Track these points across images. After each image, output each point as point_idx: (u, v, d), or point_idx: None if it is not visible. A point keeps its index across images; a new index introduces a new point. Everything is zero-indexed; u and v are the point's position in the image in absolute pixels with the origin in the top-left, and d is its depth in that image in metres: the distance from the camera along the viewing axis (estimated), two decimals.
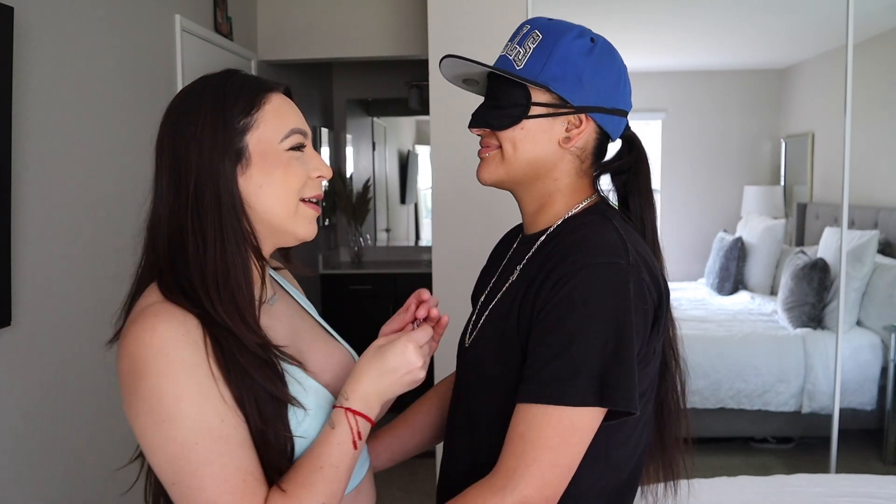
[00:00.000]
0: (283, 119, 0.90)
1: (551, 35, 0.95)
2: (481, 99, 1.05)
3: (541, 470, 0.83)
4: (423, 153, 5.13)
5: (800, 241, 4.17)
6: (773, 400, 3.37)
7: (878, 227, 3.49)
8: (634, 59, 1.03)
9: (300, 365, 0.90)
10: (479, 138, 1.03)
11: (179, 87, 2.41)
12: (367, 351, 0.91)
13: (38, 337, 1.72)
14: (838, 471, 2.92)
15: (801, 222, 4.19)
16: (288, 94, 0.94)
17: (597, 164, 1.02)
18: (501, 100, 0.97)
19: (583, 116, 0.96)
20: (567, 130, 0.97)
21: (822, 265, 3.48)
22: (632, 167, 1.02)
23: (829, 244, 3.57)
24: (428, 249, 4.47)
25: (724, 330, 3.64)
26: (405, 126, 5.16)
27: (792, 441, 3.54)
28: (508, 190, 1.04)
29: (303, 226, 0.91)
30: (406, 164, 5.09)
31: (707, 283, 4.48)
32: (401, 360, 0.88)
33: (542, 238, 0.99)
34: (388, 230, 5.00)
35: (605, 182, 1.05)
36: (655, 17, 3.46)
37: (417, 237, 5.15)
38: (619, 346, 0.84)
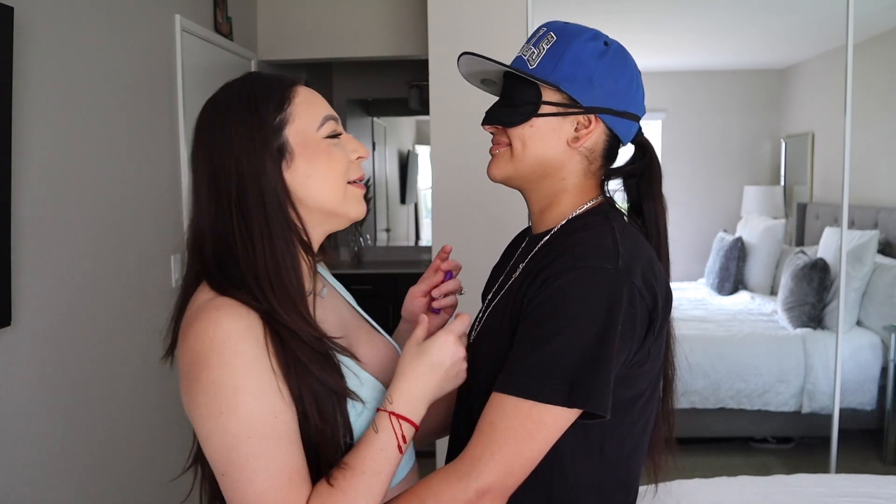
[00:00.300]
0: (314, 109, 0.93)
1: (565, 37, 0.97)
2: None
3: (505, 459, 0.84)
4: (423, 153, 5.13)
5: (800, 241, 4.17)
6: (773, 400, 3.37)
7: (878, 227, 3.49)
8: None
9: (354, 357, 0.92)
10: (485, 139, 1.04)
11: (180, 87, 2.43)
12: (407, 350, 0.92)
13: (38, 337, 1.72)
14: (838, 471, 2.92)
15: (801, 222, 4.19)
16: (307, 85, 0.97)
17: (606, 166, 1.03)
18: (514, 98, 0.99)
19: (592, 117, 0.97)
20: (576, 130, 0.98)
21: (822, 265, 3.48)
22: (644, 172, 1.04)
23: (829, 244, 3.57)
24: (428, 249, 4.47)
25: (724, 330, 3.64)
26: (405, 126, 5.15)
27: (792, 441, 3.54)
28: (517, 188, 1.05)
29: (354, 206, 0.94)
30: (406, 164, 5.09)
31: (707, 283, 4.48)
32: (444, 353, 0.90)
33: (546, 237, 1.00)
34: (388, 230, 5.00)
35: (617, 186, 1.07)
36: (655, 17, 3.46)
37: (417, 237, 5.15)
38: (596, 349, 0.85)
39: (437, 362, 0.89)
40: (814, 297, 3.48)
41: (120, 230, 2.10)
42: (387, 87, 4.65)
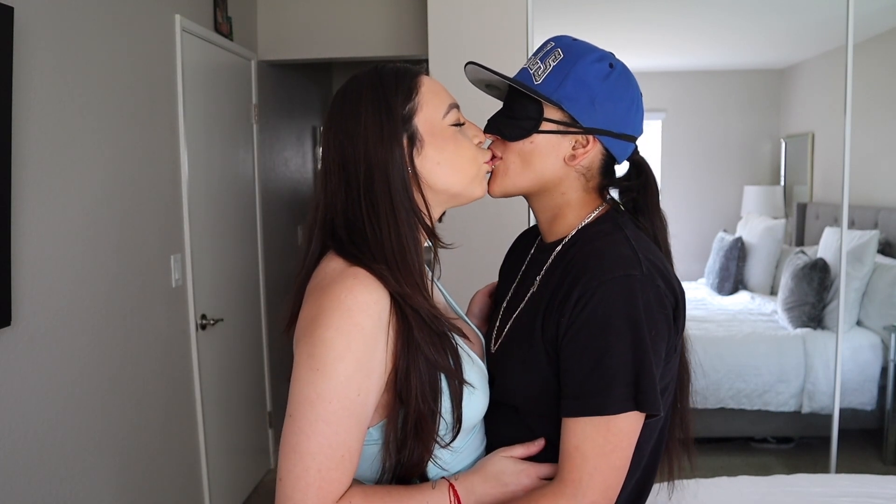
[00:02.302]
0: (439, 98, 0.97)
1: (571, 55, 0.99)
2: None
3: (603, 476, 0.90)
4: None
5: (800, 241, 4.17)
6: (773, 400, 3.37)
7: (878, 227, 3.49)
8: (634, 59, 1.04)
9: (466, 337, 0.97)
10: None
11: (180, 87, 2.43)
12: (498, 455, 0.98)
13: (38, 337, 1.72)
14: (838, 471, 2.93)
15: (801, 222, 4.19)
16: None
17: (604, 181, 1.05)
18: (516, 111, 1.01)
19: (590, 137, 0.99)
20: (573, 149, 1.00)
21: (822, 265, 3.48)
22: (640, 189, 1.06)
23: (829, 244, 3.57)
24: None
25: (724, 330, 3.64)
26: None
27: (792, 441, 3.54)
28: (523, 197, 1.08)
29: (479, 187, 1.02)
30: None
31: (707, 283, 4.48)
32: (514, 480, 0.96)
33: (559, 248, 1.02)
34: None
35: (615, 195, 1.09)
36: (655, 17, 3.46)
37: None
38: (642, 354, 0.89)
39: (502, 482, 0.96)
40: (814, 297, 3.48)
41: (120, 230, 2.10)
42: None
